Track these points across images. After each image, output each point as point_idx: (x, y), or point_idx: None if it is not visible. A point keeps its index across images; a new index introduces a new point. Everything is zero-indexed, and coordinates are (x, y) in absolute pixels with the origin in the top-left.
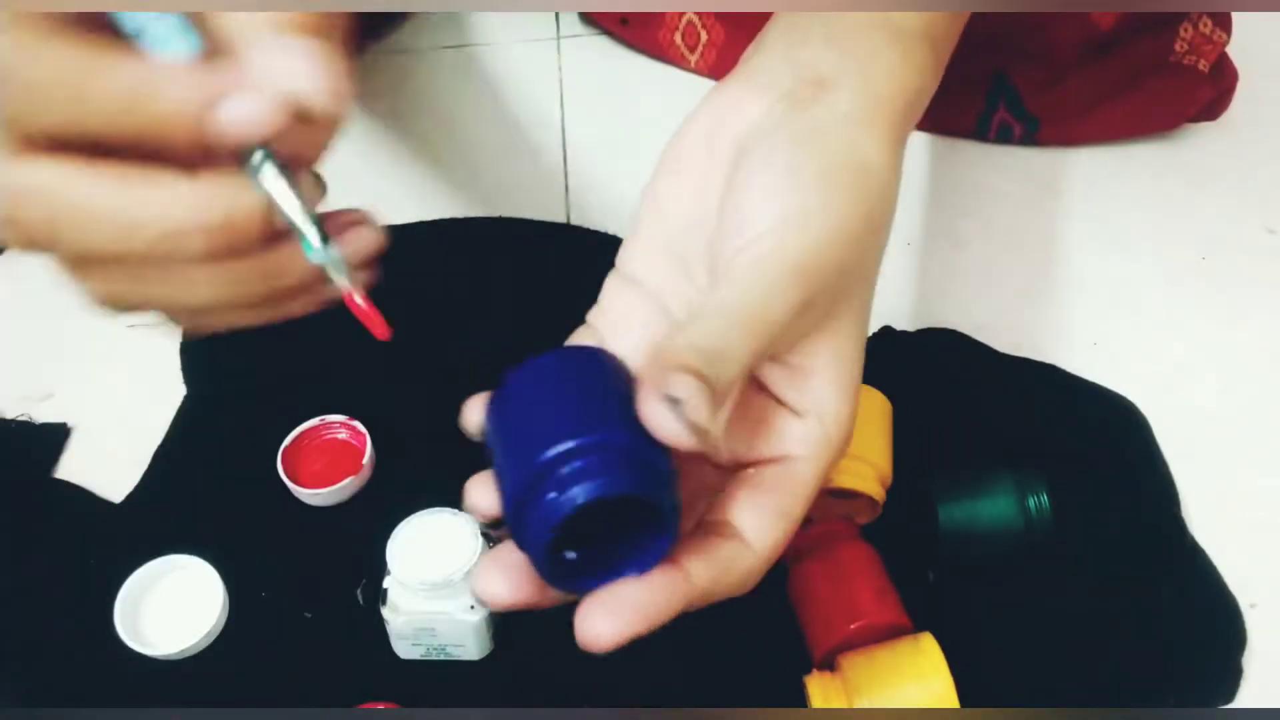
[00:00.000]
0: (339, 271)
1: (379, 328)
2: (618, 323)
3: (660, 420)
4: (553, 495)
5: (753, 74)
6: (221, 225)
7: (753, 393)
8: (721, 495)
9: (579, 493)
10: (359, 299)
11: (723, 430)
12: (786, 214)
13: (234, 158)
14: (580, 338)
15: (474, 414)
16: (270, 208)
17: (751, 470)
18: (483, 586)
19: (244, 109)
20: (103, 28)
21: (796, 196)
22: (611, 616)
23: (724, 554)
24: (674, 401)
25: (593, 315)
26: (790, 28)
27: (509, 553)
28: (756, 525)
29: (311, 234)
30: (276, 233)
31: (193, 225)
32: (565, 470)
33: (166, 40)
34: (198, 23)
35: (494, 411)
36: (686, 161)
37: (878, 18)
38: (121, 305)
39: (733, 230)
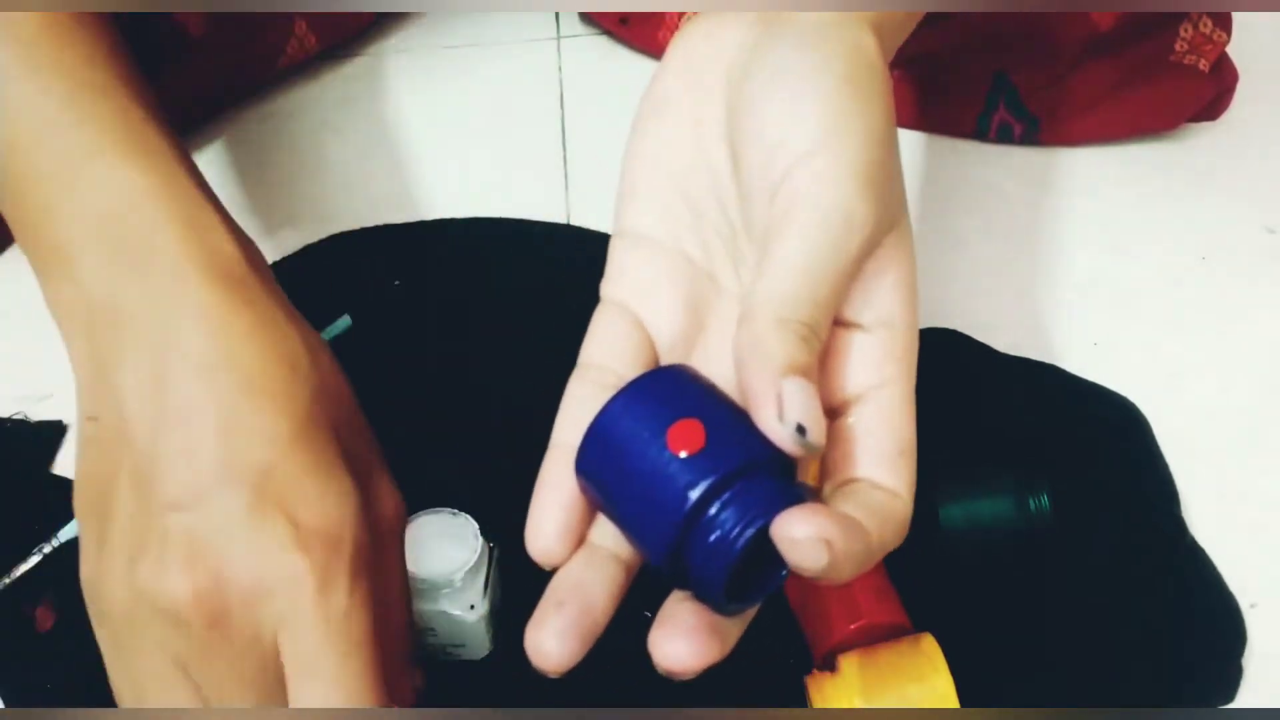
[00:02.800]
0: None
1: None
2: (640, 284)
3: (784, 442)
4: (715, 537)
5: (711, 14)
6: None
7: None
8: (832, 456)
9: (741, 530)
10: None
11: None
12: (828, 125)
13: None
14: (604, 315)
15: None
16: None
17: (851, 419)
18: (667, 653)
19: None
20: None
21: (830, 105)
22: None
23: (875, 500)
24: (800, 430)
25: (607, 288)
26: None
27: (680, 615)
28: (885, 472)
29: None
30: None
31: None
32: (716, 508)
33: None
34: None
35: (599, 461)
36: (671, 105)
37: None
38: None
39: (763, 161)
